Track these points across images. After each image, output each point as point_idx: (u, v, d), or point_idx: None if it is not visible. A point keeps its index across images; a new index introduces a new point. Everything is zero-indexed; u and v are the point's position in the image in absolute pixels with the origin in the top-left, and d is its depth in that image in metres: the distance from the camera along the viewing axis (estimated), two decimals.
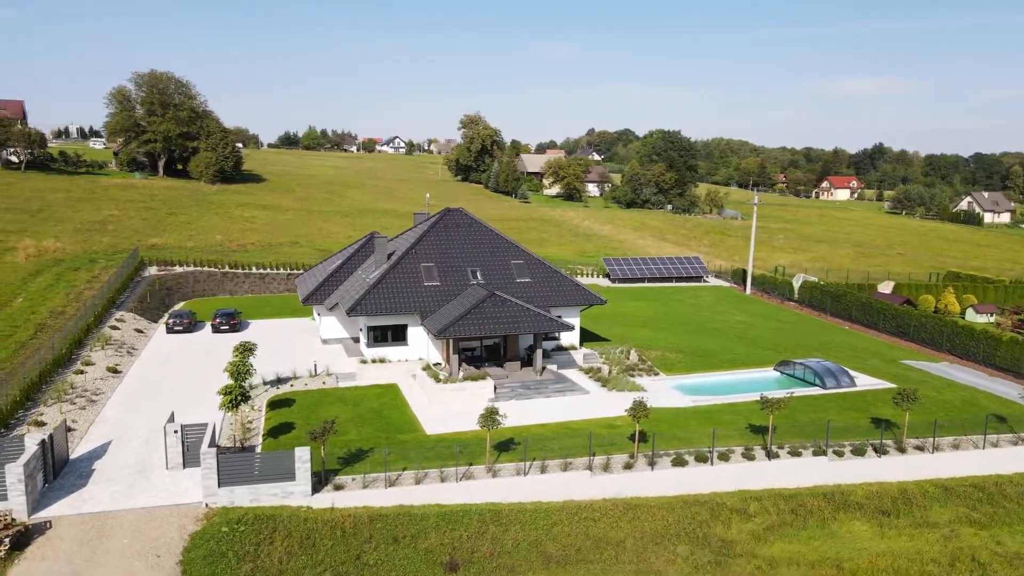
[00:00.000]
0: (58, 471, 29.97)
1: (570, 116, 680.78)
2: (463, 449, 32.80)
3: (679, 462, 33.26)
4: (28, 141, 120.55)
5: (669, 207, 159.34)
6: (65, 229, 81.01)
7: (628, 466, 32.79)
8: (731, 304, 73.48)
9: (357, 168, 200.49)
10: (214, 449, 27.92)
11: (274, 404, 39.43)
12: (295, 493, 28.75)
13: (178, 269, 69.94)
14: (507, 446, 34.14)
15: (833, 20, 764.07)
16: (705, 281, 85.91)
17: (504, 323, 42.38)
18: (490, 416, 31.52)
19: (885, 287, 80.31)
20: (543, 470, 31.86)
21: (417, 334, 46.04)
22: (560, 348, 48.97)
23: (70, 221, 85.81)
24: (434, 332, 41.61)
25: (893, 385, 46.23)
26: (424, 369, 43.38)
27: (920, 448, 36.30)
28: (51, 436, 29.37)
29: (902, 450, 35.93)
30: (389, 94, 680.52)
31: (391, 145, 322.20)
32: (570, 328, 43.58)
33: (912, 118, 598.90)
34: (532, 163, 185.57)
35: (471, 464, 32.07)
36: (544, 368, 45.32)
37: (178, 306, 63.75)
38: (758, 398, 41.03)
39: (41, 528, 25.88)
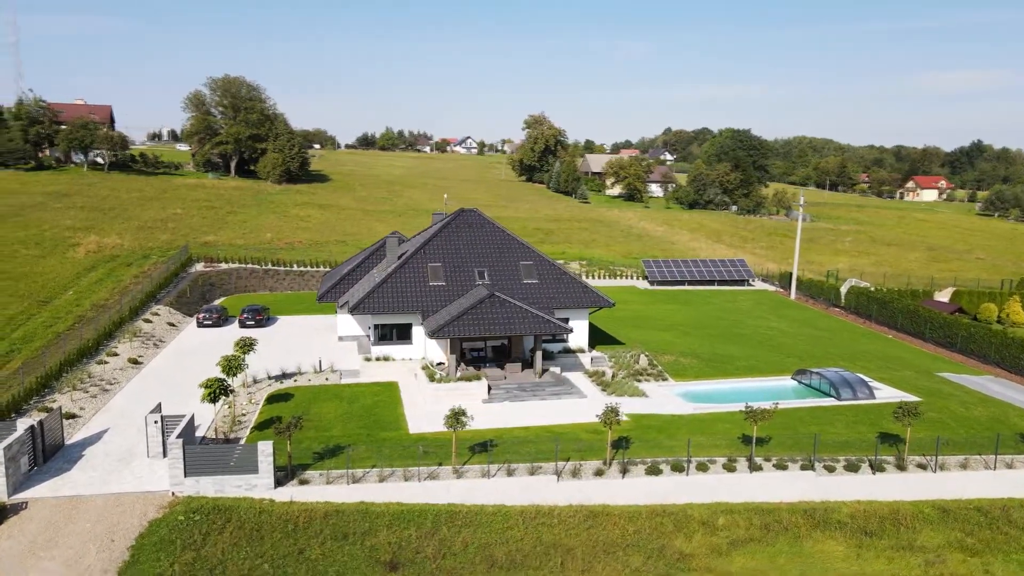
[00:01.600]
0: (49, 455, 31.84)
1: (648, 115, 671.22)
2: (440, 450, 33.02)
3: (653, 471, 32.47)
4: (111, 144, 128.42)
5: (734, 208, 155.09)
6: (129, 227, 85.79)
7: (599, 473, 32.23)
8: (769, 309, 70.94)
9: (424, 168, 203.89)
10: (180, 440, 29.08)
11: (273, 399, 40.62)
12: (258, 486, 29.63)
13: (223, 266, 72.96)
14: (484, 447, 34.10)
15: (930, 13, 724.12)
16: (750, 284, 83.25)
17: (501, 324, 42.35)
18: (455, 417, 31.59)
19: (943, 294, 75.78)
20: (510, 473, 31.72)
21: (422, 333, 46.56)
22: (567, 350, 48.53)
23: (136, 219, 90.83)
24: (428, 332, 42.00)
25: (918, 399, 43.66)
26: (423, 368, 43.86)
27: (923, 466, 34.18)
28: (41, 422, 31.23)
29: (902, 468, 33.92)
30: (468, 95, 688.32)
31: (463, 145, 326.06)
32: (568, 330, 43.08)
33: (1017, 113, 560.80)
34: (596, 163, 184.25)
35: (440, 464, 32.25)
36: (546, 370, 45.02)
37: (217, 301, 66.53)
38: (783, 406, 39.90)
39: (17, 508, 27.60)
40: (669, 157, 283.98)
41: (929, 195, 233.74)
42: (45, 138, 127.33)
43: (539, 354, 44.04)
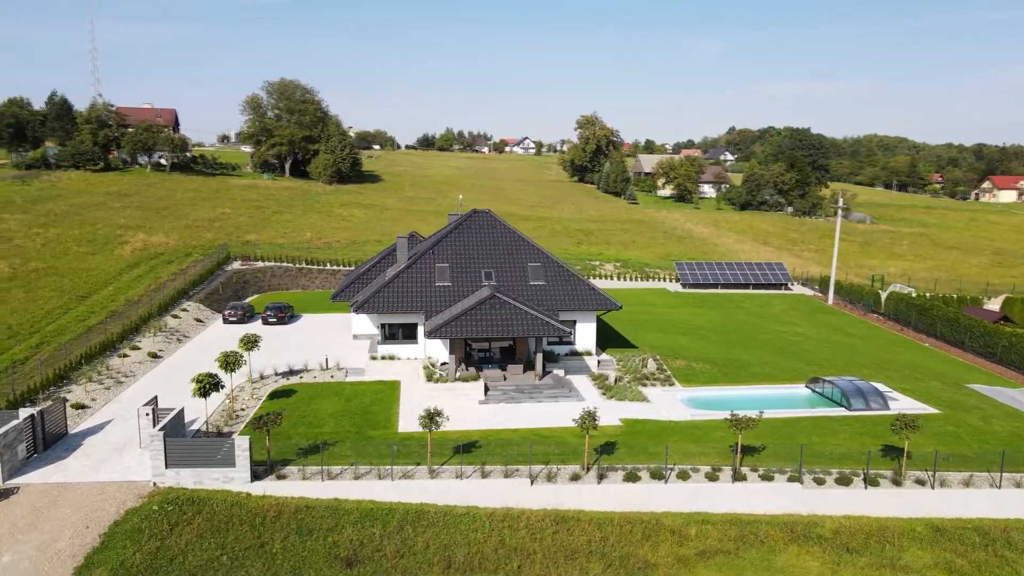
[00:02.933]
0: (50, 443, 33.47)
1: (714, 114, 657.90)
2: (423, 449, 33.24)
3: (632, 477, 31.95)
4: (172, 146, 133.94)
5: (789, 209, 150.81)
6: (177, 226, 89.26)
7: (576, 477, 31.91)
8: (802, 314, 68.69)
9: (478, 168, 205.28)
10: (161, 432, 30.19)
11: (275, 395, 41.67)
12: (235, 479, 30.49)
13: (259, 264, 75.18)
14: (468, 449, 34.26)
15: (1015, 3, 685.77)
16: (788, 289, 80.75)
17: (499, 325, 42.35)
18: (429, 418, 31.80)
19: (995, 302, 71.89)
20: (484, 475, 31.72)
21: None
22: (574, 353, 48.16)
23: (185, 218, 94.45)
24: (426, 332, 42.37)
25: (936, 411, 41.77)
26: (424, 368, 44.30)
27: (921, 482, 32.58)
28: (42, 412, 32.90)
29: (898, 482, 32.43)
30: (530, 95, 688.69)
31: (521, 146, 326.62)
32: (567, 332, 42.71)
33: None
34: (649, 164, 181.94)
35: (418, 464, 32.48)
36: (549, 372, 44.80)
37: (249, 299, 68.68)
38: (772, 416, 39.03)
39: (8, 493, 29.15)
40: (730, 157, 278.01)
41: (1007, 196, 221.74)
42: (113, 140, 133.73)
43: (540, 356, 43.88)
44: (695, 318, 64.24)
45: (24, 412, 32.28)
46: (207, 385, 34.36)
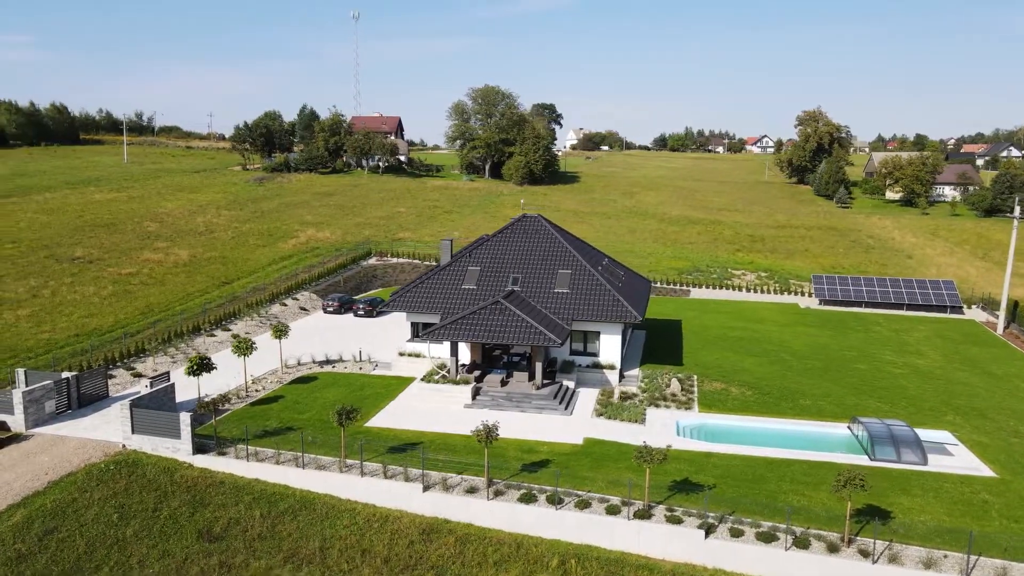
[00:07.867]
0: (85, 403, 40.40)
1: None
2: (380, 444, 34.91)
3: (528, 498, 30.60)
4: (384, 150, 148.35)
5: None
6: (349, 223, 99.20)
7: (472, 490, 31.33)
8: (944, 343, 57.65)
9: (692, 169, 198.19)
10: (128, 402, 35.24)
11: (298, 380, 45.72)
12: (181, 450, 34.60)
13: (392, 260, 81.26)
14: (402, 449, 35.18)
15: None
16: (957, 312, 67.95)
17: (494, 331, 42.21)
18: (343, 414, 33.16)
19: None
20: (388, 476, 32.38)
21: None
22: (597, 365, 46.12)
23: (361, 216, 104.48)
24: (422, 333, 43.56)
25: (992, 474, 33.87)
26: (432, 368, 45.57)
27: (865, 553, 26.95)
28: (78, 376, 39.90)
29: (834, 549, 27.19)
30: (806, 90, 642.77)
31: (759, 144, 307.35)
32: (557, 343, 41.08)
33: None
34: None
35: (356, 459, 34.08)
36: (557, 383, 43.61)
37: (371, 292, 74.73)
38: (761, 454, 35.32)
39: (24, 438, 36.04)
40: (1015, 153, 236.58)
41: None
42: (340, 146, 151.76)
43: (539, 365, 42.90)
44: (796, 339, 57.25)
45: (66, 375, 39.48)
46: (196, 366, 39.07)
